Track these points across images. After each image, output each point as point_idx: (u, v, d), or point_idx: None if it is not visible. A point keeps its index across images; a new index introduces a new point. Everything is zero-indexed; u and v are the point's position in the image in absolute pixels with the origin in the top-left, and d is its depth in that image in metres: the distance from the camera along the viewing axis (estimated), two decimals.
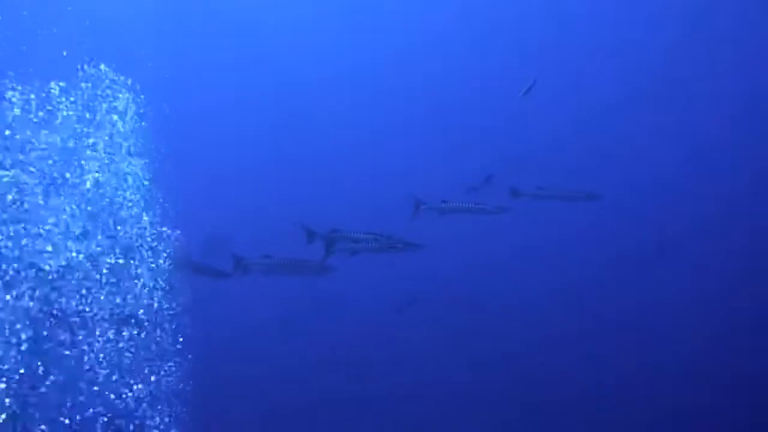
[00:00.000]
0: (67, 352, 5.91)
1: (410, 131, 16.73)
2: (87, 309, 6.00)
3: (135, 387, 6.24)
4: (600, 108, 16.93)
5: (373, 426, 13.27)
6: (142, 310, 6.35)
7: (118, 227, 6.37)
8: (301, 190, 15.60)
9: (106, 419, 5.98)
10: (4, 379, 5.42)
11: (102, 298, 6.11)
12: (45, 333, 5.74)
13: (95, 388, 6.00)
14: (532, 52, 16.13)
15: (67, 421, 5.75)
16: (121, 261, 6.27)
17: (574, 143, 16.27)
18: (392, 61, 17.19)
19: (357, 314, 14.62)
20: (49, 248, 5.82)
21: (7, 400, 5.40)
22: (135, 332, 6.28)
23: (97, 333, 6.06)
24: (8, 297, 5.54)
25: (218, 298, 12.73)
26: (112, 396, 6.09)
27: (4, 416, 5.30)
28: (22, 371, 5.50)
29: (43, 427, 5.59)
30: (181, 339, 6.59)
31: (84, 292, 6.01)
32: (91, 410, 5.93)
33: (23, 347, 5.52)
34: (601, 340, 14.61)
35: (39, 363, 5.64)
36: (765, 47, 17.23)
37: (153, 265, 6.52)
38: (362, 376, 14.03)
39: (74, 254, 5.96)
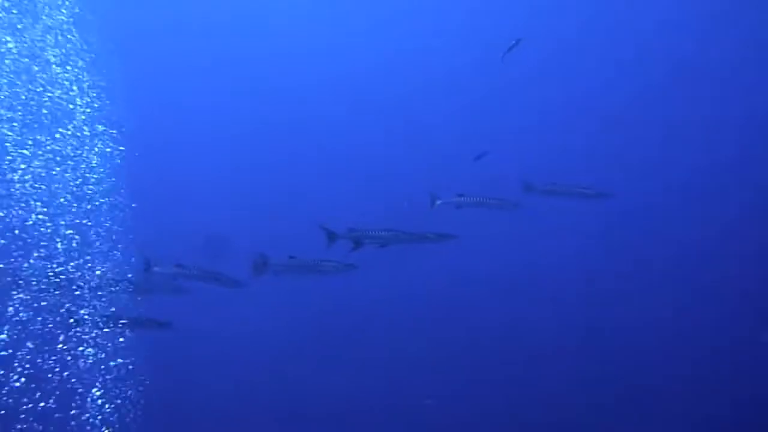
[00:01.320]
0: None
1: (413, 131, 16.66)
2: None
3: None
4: (613, 110, 16.66)
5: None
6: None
7: None
8: (301, 190, 15.56)
9: None
10: None
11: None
12: None
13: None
14: (546, 53, 15.97)
15: None
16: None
17: (585, 145, 16.06)
18: (397, 60, 17.11)
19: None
20: None
21: None
22: None
23: None
24: None
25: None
26: None
27: None
28: None
29: None
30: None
31: None
32: None
33: None
34: (604, 354, 14.28)
35: None
36: None
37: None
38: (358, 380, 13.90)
39: None
